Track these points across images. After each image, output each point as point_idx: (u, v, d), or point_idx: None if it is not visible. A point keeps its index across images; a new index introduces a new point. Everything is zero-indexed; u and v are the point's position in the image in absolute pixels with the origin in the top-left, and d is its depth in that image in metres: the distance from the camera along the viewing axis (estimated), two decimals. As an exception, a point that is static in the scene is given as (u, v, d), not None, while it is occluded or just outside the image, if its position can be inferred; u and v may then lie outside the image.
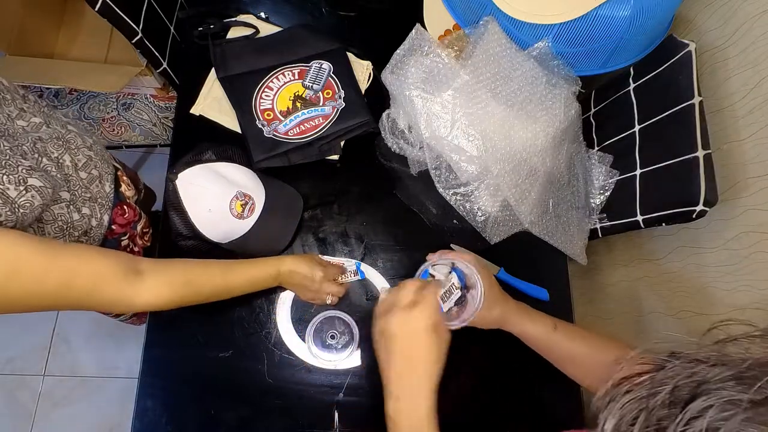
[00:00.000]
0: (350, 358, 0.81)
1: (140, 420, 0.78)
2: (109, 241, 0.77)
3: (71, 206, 0.67)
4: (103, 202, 0.74)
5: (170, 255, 0.83)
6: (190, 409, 0.80)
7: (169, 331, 0.84)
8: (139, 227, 0.84)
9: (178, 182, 0.79)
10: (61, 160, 0.68)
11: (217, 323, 0.84)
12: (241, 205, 0.80)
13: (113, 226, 0.77)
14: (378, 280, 0.86)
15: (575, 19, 0.77)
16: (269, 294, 0.85)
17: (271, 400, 0.80)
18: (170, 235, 0.81)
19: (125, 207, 0.81)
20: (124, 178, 0.84)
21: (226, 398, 0.80)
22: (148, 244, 0.88)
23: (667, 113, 0.78)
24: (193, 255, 0.78)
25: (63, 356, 1.58)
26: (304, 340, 0.82)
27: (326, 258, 0.85)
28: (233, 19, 1.00)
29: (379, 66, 0.94)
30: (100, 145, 0.80)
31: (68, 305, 0.56)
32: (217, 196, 0.79)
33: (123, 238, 0.80)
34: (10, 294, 0.50)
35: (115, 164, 0.85)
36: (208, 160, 0.83)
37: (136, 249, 0.83)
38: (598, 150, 0.95)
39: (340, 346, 0.81)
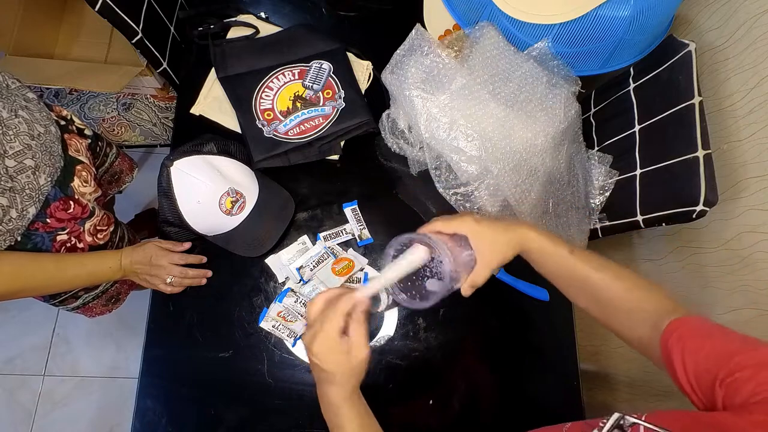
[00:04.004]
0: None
1: (140, 420, 0.78)
2: (40, 234, 0.75)
3: None
4: (33, 194, 0.71)
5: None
6: (190, 409, 0.80)
7: (169, 331, 0.84)
8: (88, 224, 0.82)
9: (172, 169, 0.79)
10: None
11: (217, 323, 0.84)
12: (231, 202, 0.81)
13: (49, 220, 0.75)
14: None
15: (575, 19, 0.77)
16: (269, 294, 0.85)
17: (271, 400, 0.80)
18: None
19: (71, 202, 0.79)
20: (83, 173, 0.82)
21: (226, 398, 0.80)
22: (102, 242, 0.85)
23: (667, 113, 0.78)
24: (177, 241, 0.86)
25: (63, 356, 1.58)
26: (304, 340, 0.82)
27: None
28: (233, 19, 1.00)
29: (379, 66, 0.94)
30: (53, 136, 0.77)
31: None
32: (208, 189, 0.80)
33: (61, 233, 0.77)
34: None
35: (81, 159, 0.83)
36: (209, 153, 0.83)
37: (80, 245, 0.81)
38: (598, 150, 0.95)
39: (340, 346, 0.81)
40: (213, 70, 0.95)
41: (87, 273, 0.78)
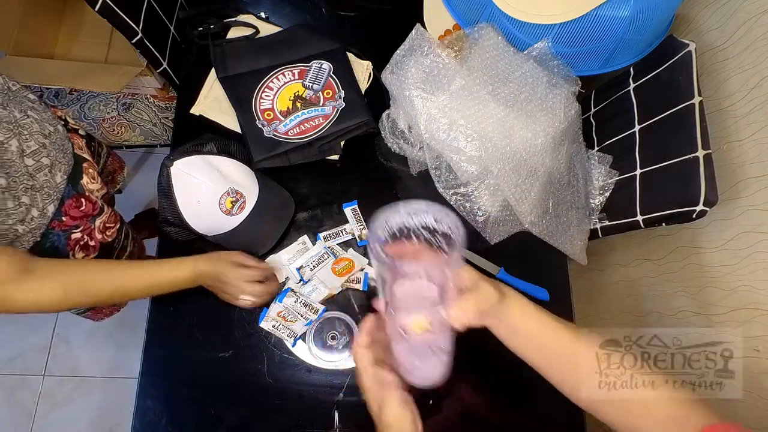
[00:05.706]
0: (350, 359, 0.81)
1: (140, 420, 0.78)
2: (56, 233, 0.75)
3: (7, 193, 0.65)
4: (51, 192, 0.72)
5: (170, 245, 0.86)
6: (190, 409, 0.80)
7: (169, 331, 0.84)
8: (98, 222, 0.82)
9: (172, 169, 0.79)
10: (6, 145, 0.67)
11: (217, 323, 0.84)
12: (231, 202, 0.81)
13: (64, 218, 0.76)
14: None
15: (575, 19, 0.77)
16: (269, 294, 0.85)
17: (271, 400, 0.80)
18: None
19: (83, 200, 0.79)
20: (90, 170, 0.83)
21: (226, 398, 0.80)
22: (110, 239, 0.85)
23: (667, 113, 0.78)
24: (177, 242, 0.84)
25: (63, 356, 1.58)
26: (304, 340, 0.82)
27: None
28: (233, 19, 1.00)
29: (379, 66, 0.94)
30: (61, 135, 0.78)
31: None
32: (208, 189, 0.80)
33: (75, 231, 0.78)
34: None
35: (86, 156, 0.83)
36: (209, 153, 0.83)
37: (92, 243, 0.81)
38: (598, 150, 0.95)
39: (340, 347, 0.81)
40: (213, 70, 0.95)
41: (160, 282, 0.73)
